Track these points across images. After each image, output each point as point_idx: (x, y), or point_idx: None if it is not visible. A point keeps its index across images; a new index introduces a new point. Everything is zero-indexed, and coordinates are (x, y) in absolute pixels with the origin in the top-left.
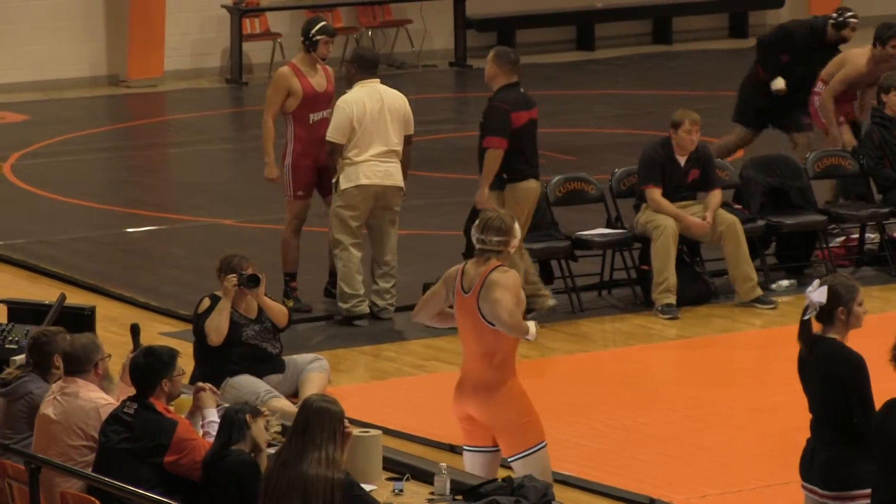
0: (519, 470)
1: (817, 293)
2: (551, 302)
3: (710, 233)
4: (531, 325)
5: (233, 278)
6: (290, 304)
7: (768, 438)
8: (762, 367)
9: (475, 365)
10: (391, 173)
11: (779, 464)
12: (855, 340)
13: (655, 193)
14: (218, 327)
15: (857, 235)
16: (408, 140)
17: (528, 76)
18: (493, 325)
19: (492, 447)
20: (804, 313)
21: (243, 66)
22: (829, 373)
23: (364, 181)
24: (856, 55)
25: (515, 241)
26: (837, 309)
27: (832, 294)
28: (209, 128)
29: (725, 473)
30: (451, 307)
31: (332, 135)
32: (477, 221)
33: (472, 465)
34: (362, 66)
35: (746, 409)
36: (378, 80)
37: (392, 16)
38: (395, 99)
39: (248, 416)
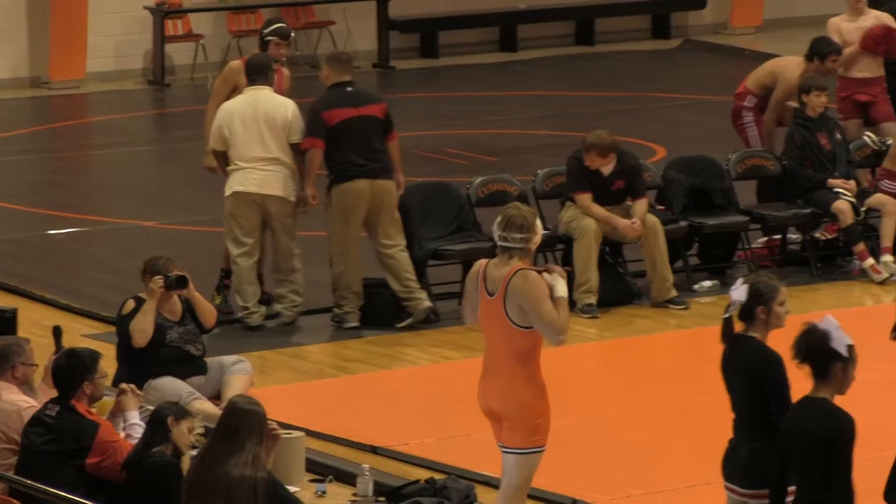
0: (509, 464)
1: (738, 291)
2: (426, 304)
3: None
4: (560, 284)
5: (159, 280)
6: (218, 300)
7: (691, 438)
8: (684, 367)
9: (501, 362)
10: (269, 182)
11: (701, 464)
12: (777, 340)
13: (586, 199)
14: (143, 329)
15: (779, 236)
16: (296, 149)
17: (451, 77)
18: (521, 326)
19: None
20: (725, 311)
21: (166, 67)
22: (749, 371)
23: (238, 188)
24: (785, 69)
25: (538, 238)
26: (758, 308)
27: (753, 293)
28: (132, 129)
29: (649, 474)
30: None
31: (209, 140)
32: (499, 219)
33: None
34: (249, 73)
35: (669, 409)
36: (267, 87)
37: (315, 17)
38: (276, 107)
39: (170, 419)
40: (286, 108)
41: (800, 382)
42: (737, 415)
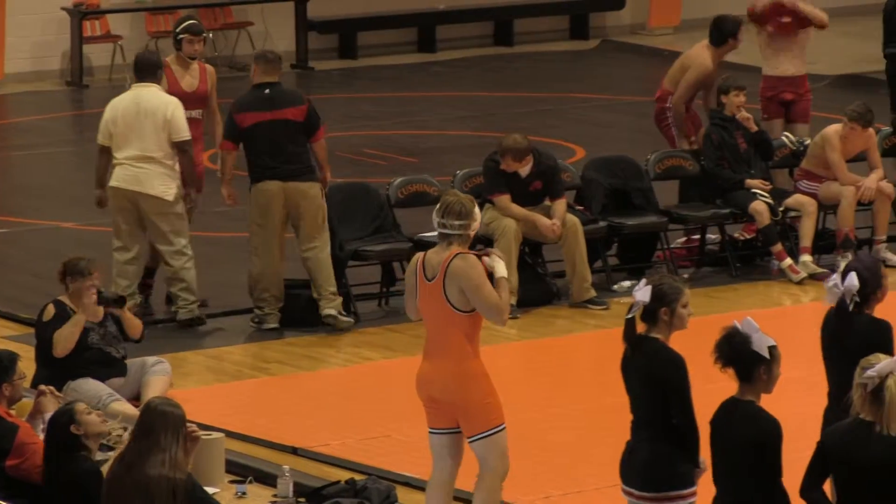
0: (479, 451)
1: (641, 292)
2: (326, 312)
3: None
4: (500, 265)
5: (93, 295)
6: (139, 299)
7: (610, 439)
8: (604, 367)
9: (441, 348)
10: (140, 180)
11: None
12: (695, 340)
13: (504, 201)
14: (67, 340)
15: (698, 236)
16: (181, 148)
17: (369, 78)
18: (462, 311)
19: (456, 428)
20: (628, 312)
21: (84, 68)
22: (651, 372)
23: (113, 183)
24: (698, 56)
25: (476, 225)
26: (661, 309)
27: (656, 294)
28: (50, 130)
29: (568, 474)
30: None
31: (98, 136)
32: (438, 206)
33: (440, 447)
34: (136, 70)
35: (589, 409)
36: (154, 84)
37: (233, 18)
38: (157, 106)
39: (73, 427)
40: (167, 106)
41: (709, 383)
42: (636, 416)
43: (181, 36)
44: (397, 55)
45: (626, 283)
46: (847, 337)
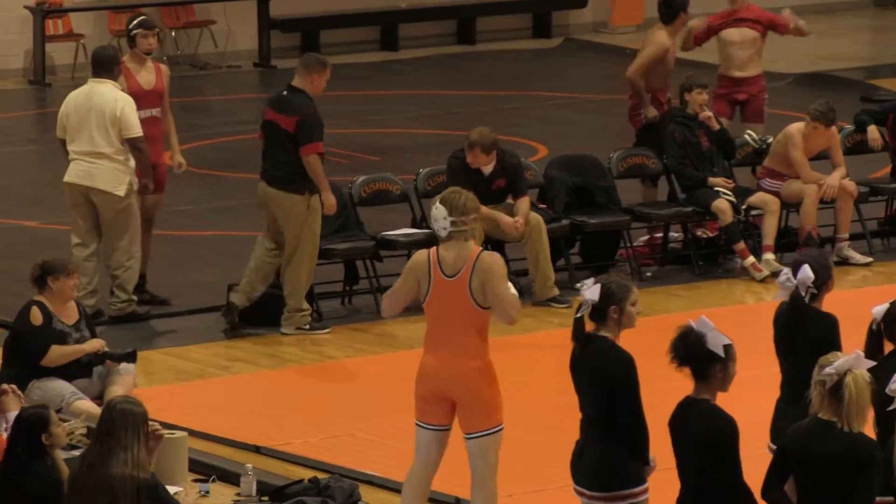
0: (474, 448)
1: (590, 291)
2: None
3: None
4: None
5: (103, 348)
6: (97, 298)
7: (573, 437)
8: (566, 365)
9: (454, 344)
10: (92, 175)
11: None
12: (657, 339)
13: None
14: (64, 359)
15: (661, 234)
16: (133, 144)
17: (331, 77)
18: (480, 307)
19: (447, 426)
20: (577, 311)
21: (47, 67)
22: (600, 371)
23: (67, 178)
24: (653, 35)
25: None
26: (610, 308)
27: (605, 293)
28: (13, 129)
29: (531, 472)
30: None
31: (57, 130)
32: (441, 206)
33: (427, 442)
34: (92, 65)
35: (551, 407)
36: (109, 81)
37: (196, 16)
38: (107, 101)
39: (44, 437)
40: (116, 103)
41: (669, 381)
42: (585, 415)
43: (134, 32)
44: (360, 53)
45: (589, 282)
46: (797, 330)
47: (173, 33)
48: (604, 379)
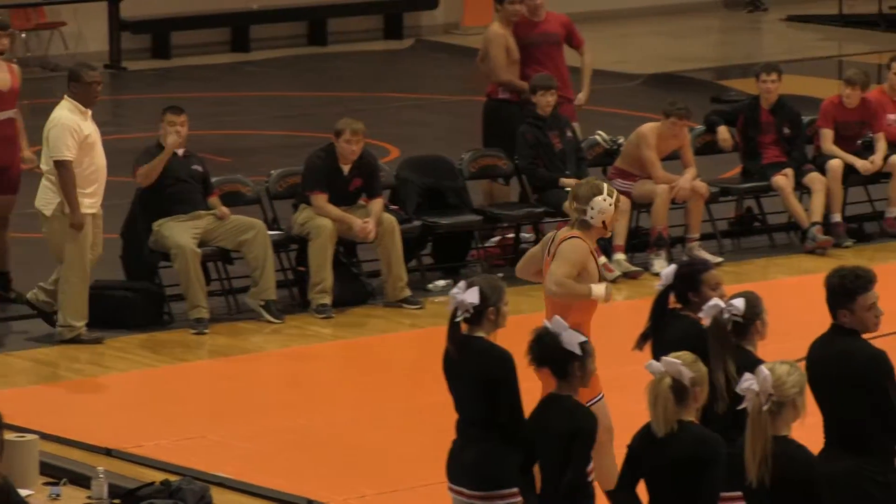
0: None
1: (468, 294)
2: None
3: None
4: (600, 287)
5: None
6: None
7: (425, 438)
8: (419, 367)
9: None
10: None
11: (435, 463)
12: (514, 338)
13: (321, 199)
14: None
15: (512, 235)
16: (57, 166)
17: (183, 78)
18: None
19: None
20: (454, 315)
21: None
22: (481, 371)
23: None
24: (489, 31)
25: (592, 213)
26: (488, 309)
27: (483, 295)
28: None
29: (383, 473)
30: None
31: None
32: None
33: None
34: None
35: (403, 408)
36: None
37: (46, 18)
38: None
39: None
40: (50, 122)
41: (531, 381)
42: (463, 416)
43: None
44: (211, 55)
45: (441, 283)
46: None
47: (23, 35)
48: (484, 379)
